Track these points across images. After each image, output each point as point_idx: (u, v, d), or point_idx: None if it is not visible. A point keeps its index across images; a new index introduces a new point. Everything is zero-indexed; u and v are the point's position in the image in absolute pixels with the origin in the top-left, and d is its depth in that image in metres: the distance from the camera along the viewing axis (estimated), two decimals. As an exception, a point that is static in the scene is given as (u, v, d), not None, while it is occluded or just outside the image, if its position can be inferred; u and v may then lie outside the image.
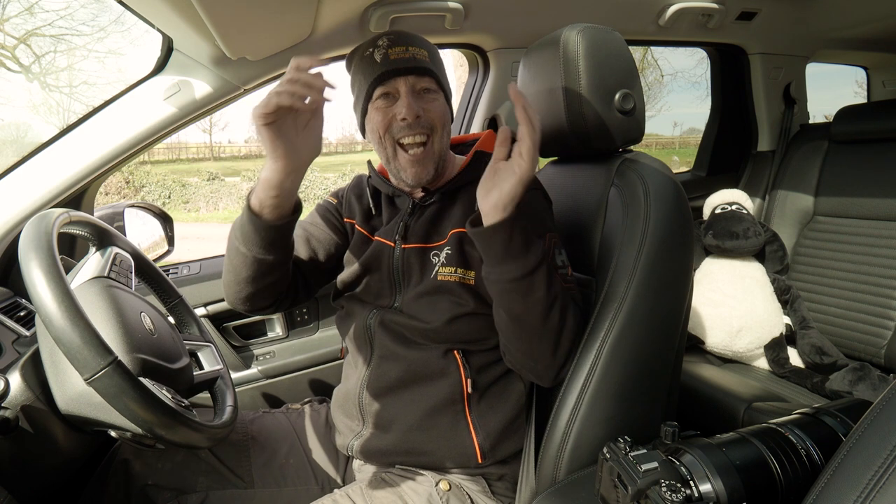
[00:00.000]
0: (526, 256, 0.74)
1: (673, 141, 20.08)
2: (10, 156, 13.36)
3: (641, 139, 0.94)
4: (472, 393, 0.86)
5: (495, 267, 0.75)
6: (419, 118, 0.85)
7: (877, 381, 1.30)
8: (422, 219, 0.92)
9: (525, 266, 0.74)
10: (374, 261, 0.94)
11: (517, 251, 0.73)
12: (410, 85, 0.85)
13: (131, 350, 0.76)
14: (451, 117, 0.93)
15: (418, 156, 0.87)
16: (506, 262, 0.74)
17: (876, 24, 1.83)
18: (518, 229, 0.73)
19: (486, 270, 0.77)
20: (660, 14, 1.59)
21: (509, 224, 0.72)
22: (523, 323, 0.77)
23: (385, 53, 0.85)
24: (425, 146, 0.87)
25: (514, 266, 0.74)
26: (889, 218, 1.50)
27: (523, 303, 0.75)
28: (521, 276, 0.74)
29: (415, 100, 0.85)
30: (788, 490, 0.56)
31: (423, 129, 0.86)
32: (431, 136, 0.87)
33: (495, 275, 0.75)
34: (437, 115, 0.87)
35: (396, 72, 0.85)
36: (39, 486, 0.79)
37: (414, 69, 0.85)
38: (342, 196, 1.05)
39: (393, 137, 0.86)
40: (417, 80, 0.86)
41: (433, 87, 0.88)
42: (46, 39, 11.28)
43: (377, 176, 0.99)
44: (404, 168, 0.88)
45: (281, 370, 1.46)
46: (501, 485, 0.90)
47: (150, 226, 1.35)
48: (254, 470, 0.95)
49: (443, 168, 0.93)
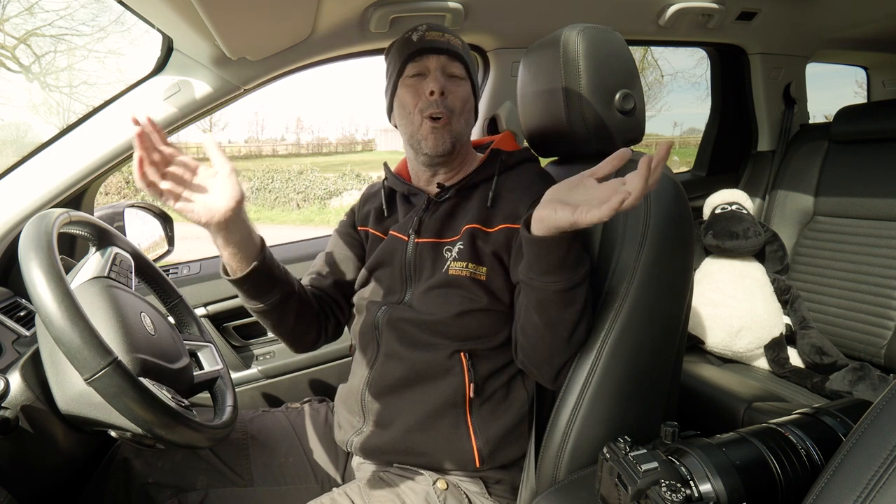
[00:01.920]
0: (576, 269, 0.71)
1: (673, 141, 20.07)
2: (10, 156, 13.35)
3: (642, 139, 0.94)
4: (475, 397, 0.86)
5: (542, 276, 0.72)
6: (444, 95, 0.88)
7: (877, 381, 1.30)
8: (436, 214, 0.94)
9: (573, 279, 0.71)
10: (388, 256, 0.95)
11: (570, 265, 0.71)
12: (442, 64, 0.90)
13: (131, 350, 0.76)
14: (475, 111, 0.96)
15: (438, 126, 0.89)
16: (556, 273, 0.71)
17: (876, 24, 1.83)
18: (577, 244, 0.71)
19: (530, 276, 0.73)
20: (660, 14, 1.59)
21: (570, 239, 0.69)
22: (554, 332, 0.75)
23: (422, 35, 0.91)
24: (446, 122, 0.90)
25: (562, 277, 0.71)
26: (889, 218, 1.50)
27: (561, 313, 0.74)
28: (567, 289, 0.71)
29: (441, 78, 0.89)
30: (788, 490, 0.56)
31: (446, 110, 0.89)
32: (451, 117, 0.90)
33: (540, 283, 0.72)
34: (459, 98, 0.91)
35: (430, 49, 0.90)
36: (39, 486, 0.79)
37: (447, 51, 0.90)
38: (355, 209, 1.10)
39: (422, 112, 0.90)
40: (449, 62, 0.90)
41: (462, 75, 0.92)
42: (46, 39, 11.28)
43: (393, 176, 1.02)
44: (426, 137, 0.90)
45: (281, 370, 1.46)
46: (499, 487, 0.90)
47: (150, 226, 1.35)
48: (253, 469, 0.95)
49: (462, 157, 0.96)
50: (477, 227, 0.89)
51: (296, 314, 0.95)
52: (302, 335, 1.00)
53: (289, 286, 0.93)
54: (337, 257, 1.05)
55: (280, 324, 0.96)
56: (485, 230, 0.89)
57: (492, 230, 0.89)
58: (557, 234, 0.67)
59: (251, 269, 0.85)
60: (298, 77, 1.31)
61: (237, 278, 0.86)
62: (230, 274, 0.87)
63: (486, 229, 0.89)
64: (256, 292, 0.89)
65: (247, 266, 0.85)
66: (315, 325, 1.01)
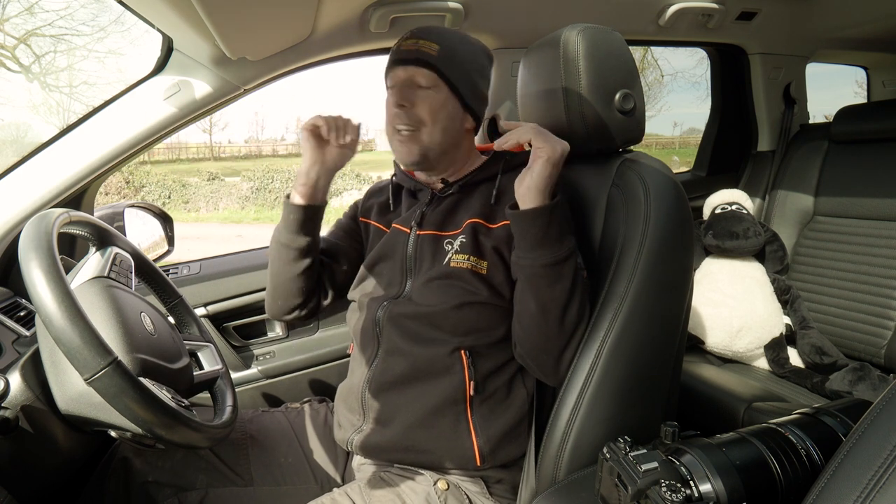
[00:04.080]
0: (560, 244, 0.79)
1: (673, 141, 20.06)
2: (10, 156, 13.35)
3: (641, 139, 0.94)
4: (475, 395, 0.86)
5: (529, 252, 0.79)
6: (403, 107, 0.89)
7: (877, 381, 1.30)
8: (439, 208, 0.95)
9: (557, 253, 0.78)
10: (390, 248, 0.97)
11: (553, 238, 0.78)
12: (409, 76, 0.90)
13: (131, 350, 0.76)
14: (468, 113, 0.96)
15: (404, 139, 0.92)
16: (540, 248, 0.78)
17: (876, 24, 1.83)
18: (557, 218, 0.79)
19: (518, 255, 0.82)
20: (660, 14, 1.59)
21: (549, 210, 0.78)
22: (546, 314, 0.79)
23: (399, 46, 0.92)
24: (412, 132, 0.91)
25: (547, 252, 0.78)
26: (889, 218, 1.50)
27: (550, 290, 0.79)
28: (553, 263, 0.78)
29: (406, 90, 0.90)
30: (788, 490, 0.56)
31: (410, 121, 0.90)
32: (419, 129, 0.91)
33: (527, 259, 0.80)
34: (426, 109, 0.90)
35: (396, 62, 0.91)
36: (39, 486, 0.79)
37: (415, 60, 0.89)
38: (358, 203, 1.11)
39: (392, 125, 0.92)
40: (417, 71, 0.90)
41: (428, 84, 0.90)
42: (46, 39, 11.27)
43: (402, 172, 1.03)
44: (396, 149, 0.94)
45: (281, 370, 1.46)
46: (500, 487, 0.90)
47: (150, 226, 1.35)
48: (252, 468, 0.95)
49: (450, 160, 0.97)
50: (479, 221, 0.90)
51: (304, 272, 0.98)
52: (293, 294, 1.00)
53: (317, 242, 0.99)
54: (331, 244, 1.06)
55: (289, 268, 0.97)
56: (487, 225, 0.90)
57: (494, 226, 0.90)
58: (540, 206, 0.78)
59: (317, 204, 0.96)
60: (298, 77, 1.31)
61: (303, 205, 0.94)
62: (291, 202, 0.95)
63: (488, 225, 0.90)
64: (304, 226, 0.95)
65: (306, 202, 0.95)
66: (305, 295, 1.01)
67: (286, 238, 0.95)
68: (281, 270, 0.98)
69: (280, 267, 0.98)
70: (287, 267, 0.97)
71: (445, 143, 0.93)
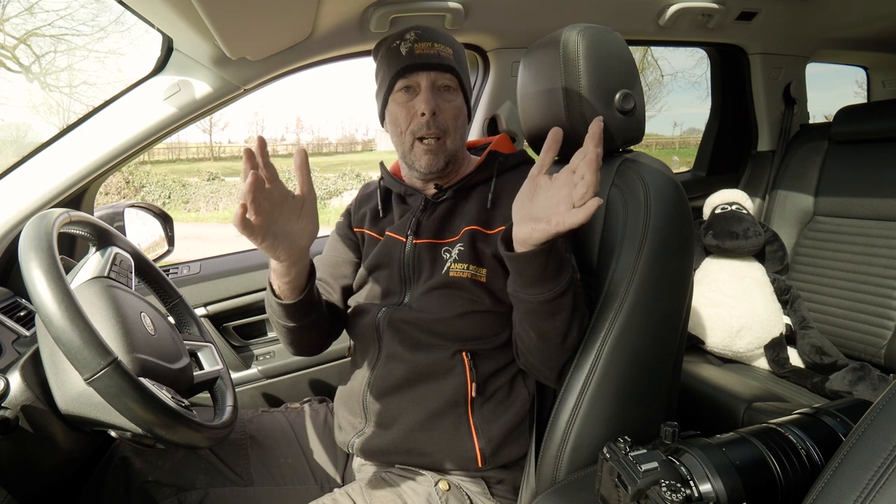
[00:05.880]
0: (558, 279, 0.72)
1: (673, 141, 20.09)
2: (10, 156, 13.36)
3: (641, 139, 0.94)
4: (476, 397, 0.86)
5: (525, 289, 0.73)
6: (435, 115, 0.87)
7: (877, 381, 1.30)
8: (434, 215, 0.93)
9: (556, 289, 0.72)
10: (385, 257, 0.95)
11: (551, 275, 0.72)
12: (431, 80, 0.88)
13: (131, 350, 0.76)
14: (468, 116, 0.95)
15: (432, 146, 0.89)
16: (538, 286, 0.72)
17: (876, 24, 1.83)
18: (556, 252, 0.71)
19: (515, 289, 0.75)
20: (660, 14, 1.59)
21: (546, 252, 0.69)
22: (547, 341, 0.77)
23: (411, 48, 0.88)
24: (438, 140, 0.89)
25: (545, 289, 0.72)
26: (889, 218, 1.50)
27: (550, 322, 0.75)
28: (551, 299, 0.72)
29: (433, 95, 0.88)
30: (788, 490, 0.56)
31: (438, 131, 0.88)
32: (444, 137, 0.89)
33: (525, 295, 0.74)
34: (450, 115, 0.89)
35: (419, 66, 0.87)
36: (39, 486, 0.79)
37: (437, 65, 0.87)
38: (351, 210, 1.08)
39: (413, 134, 0.89)
40: (439, 76, 0.88)
41: (453, 86, 0.90)
42: (46, 39, 11.29)
43: (390, 176, 1.01)
44: (419, 158, 0.90)
45: (281, 370, 1.46)
46: (501, 487, 0.90)
47: (150, 226, 1.35)
48: (252, 469, 0.95)
49: (457, 166, 0.95)
50: (477, 228, 0.89)
51: (318, 331, 0.96)
52: (314, 346, 1.00)
53: (321, 308, 0.94)
54: (338, 261, 1.04)
55: (300, 340, 0.96)
56: (485, 232, 0.89)
57: (491, 232, 0.89)
58: (537, 248, 0.68)
59: (302, 297, 0.86)
60: (298, 77, 1.31)
61: (286, 304, 0.86)
62: (280, 297, 0.87)
63: (485, 231, 0.89)
64: (296, 315, 0.89)
65: (298, 294, 0.86)
66: (325, 335, 1.01)
67: (288, 324, 0.90)
68: (288, 334, 0.94)
69: (286, 334, 0.94)
70: (294, 333, 0.93)
71: (458, 148, 0.93)
